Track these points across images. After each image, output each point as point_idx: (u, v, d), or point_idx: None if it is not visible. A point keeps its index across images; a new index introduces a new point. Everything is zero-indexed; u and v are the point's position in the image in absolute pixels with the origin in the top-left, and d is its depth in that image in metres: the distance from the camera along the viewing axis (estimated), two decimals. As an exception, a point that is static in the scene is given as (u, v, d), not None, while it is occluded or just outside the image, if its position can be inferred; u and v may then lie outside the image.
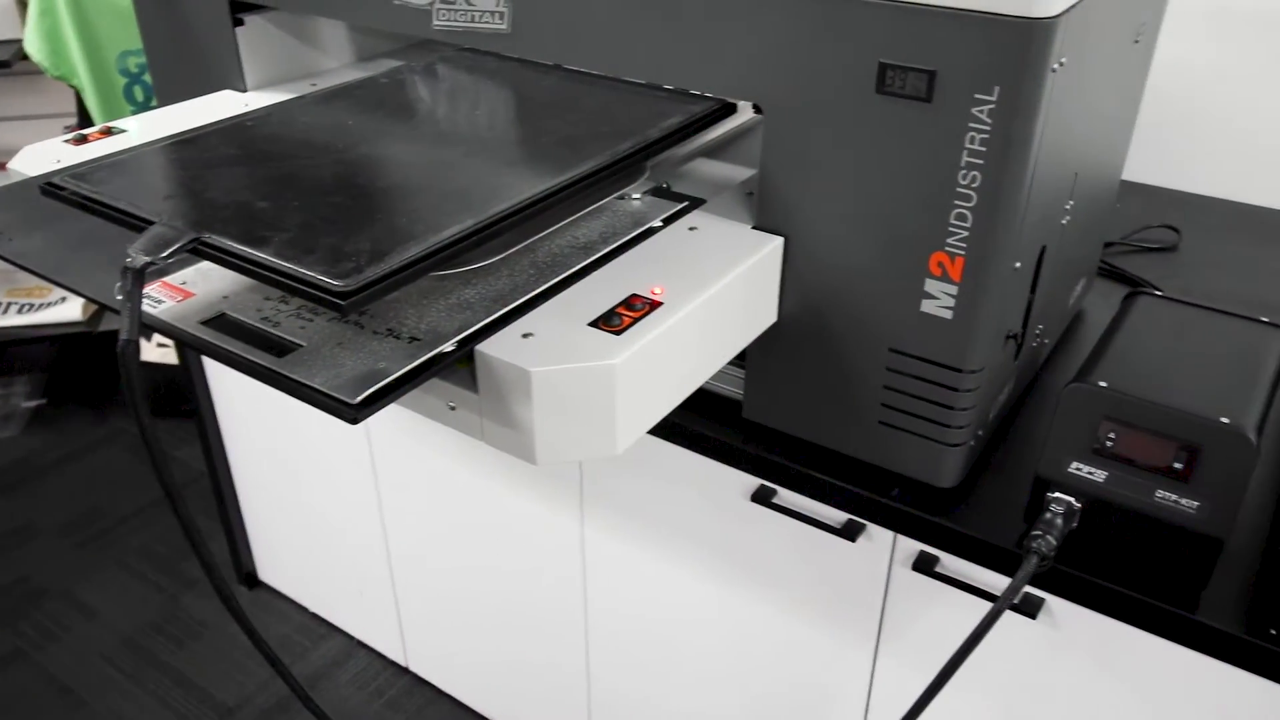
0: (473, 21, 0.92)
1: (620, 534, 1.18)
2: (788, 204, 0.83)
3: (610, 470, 1.14)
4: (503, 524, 1.31)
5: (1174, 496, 0.77)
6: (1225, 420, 0.75)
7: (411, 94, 1.01)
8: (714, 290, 0.77)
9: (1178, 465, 0.76)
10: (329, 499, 1.56)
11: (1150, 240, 1.33)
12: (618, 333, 0.71)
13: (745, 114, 1.07)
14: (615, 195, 0.87)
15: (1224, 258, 1.28)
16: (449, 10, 0.93)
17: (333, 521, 1.58)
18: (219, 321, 0.73)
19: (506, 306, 0.74)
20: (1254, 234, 1.34)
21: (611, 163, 0.82)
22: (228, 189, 0.79)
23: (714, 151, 1.07)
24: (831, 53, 0.75)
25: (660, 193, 0.90)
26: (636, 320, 0.73)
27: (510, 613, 1.40)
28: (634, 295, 0.76)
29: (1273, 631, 0.76)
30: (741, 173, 0.99)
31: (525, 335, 0.71)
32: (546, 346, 0.70)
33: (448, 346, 0.69)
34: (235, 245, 0.70)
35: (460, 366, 0.71)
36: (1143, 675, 0.87)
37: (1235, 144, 1.40)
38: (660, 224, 0.85)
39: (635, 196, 0.88)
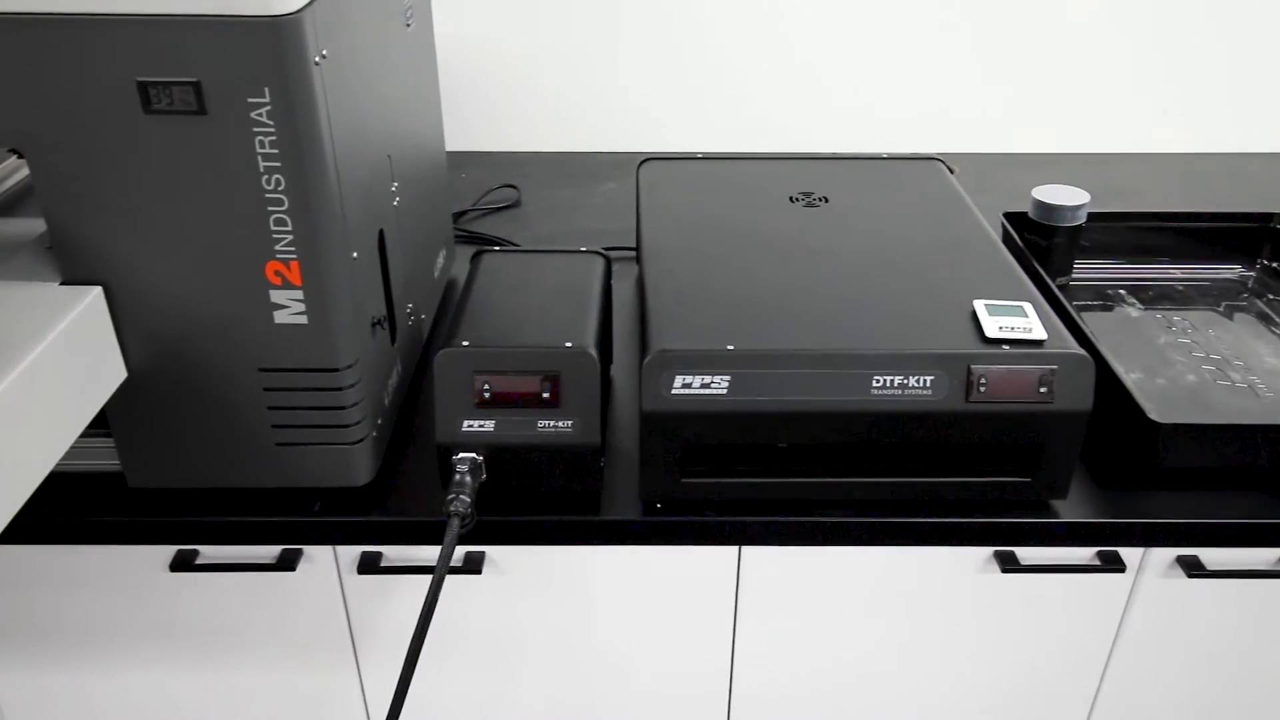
0: None
1: (41, 665, 1.00)
2: (93, 249, 0.75)
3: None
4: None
5: (551, 422, 0.85)
6: (570, 345, 0.84)
7: None
8: (22, 366, 0.67)
9: (546, 395, 0.84)
10: None
11: (496, 201, 1.45)
12: (-101, 450, 0.59)
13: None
14: None
15: (556, 202, 1.45)
16: None
17: None
18: None
19: None
20: (575, 177, 1.53)
21: None
22: None
23: (8, 208, 0.93)
24: (83, 80, 0.68)
25: (-70, 271, 0.76)
26: (-77, 428, 0.60)
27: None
28: (-86, 400, 0.63)
29: (658, 505, 0.88)
30: (40, 225, 0.87)
31: None
32: None
33: None
34: None
35: None
36: (581, 586, 0.96)
37: (545, 101, 1.58)
38: (-63, 308, 0.71)
39: (-109, 284, 0.73)
